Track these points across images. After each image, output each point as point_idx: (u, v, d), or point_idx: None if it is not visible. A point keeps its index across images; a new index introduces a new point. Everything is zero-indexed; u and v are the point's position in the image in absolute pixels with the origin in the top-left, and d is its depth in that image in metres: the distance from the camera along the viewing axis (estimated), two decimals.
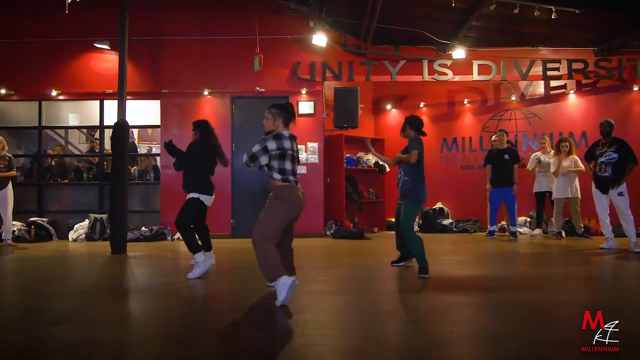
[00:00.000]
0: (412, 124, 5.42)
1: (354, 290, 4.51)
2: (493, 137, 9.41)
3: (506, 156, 8.63)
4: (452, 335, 3.01)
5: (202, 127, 5.47)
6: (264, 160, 3.88)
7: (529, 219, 9.76)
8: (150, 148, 10.94)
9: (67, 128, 10.35)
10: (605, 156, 7.01)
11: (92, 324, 3.37)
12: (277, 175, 3.90)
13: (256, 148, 3.87)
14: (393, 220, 10.57)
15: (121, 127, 7.16)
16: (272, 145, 3.86)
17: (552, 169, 8.61)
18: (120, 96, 7.26)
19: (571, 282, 4.94)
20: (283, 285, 3.66)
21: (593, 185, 7.26)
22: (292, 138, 4.02)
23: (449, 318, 3.50)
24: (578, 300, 4.10)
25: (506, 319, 3.42)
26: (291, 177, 3.94)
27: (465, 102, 10.57)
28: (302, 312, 3.56)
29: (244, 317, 3.57)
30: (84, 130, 10.87)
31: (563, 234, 8.68)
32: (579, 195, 8.45)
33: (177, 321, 3.52)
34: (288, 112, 4.05)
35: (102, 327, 3.30)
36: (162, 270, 5.79)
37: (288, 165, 3.93)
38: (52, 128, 10.06)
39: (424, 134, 5.45)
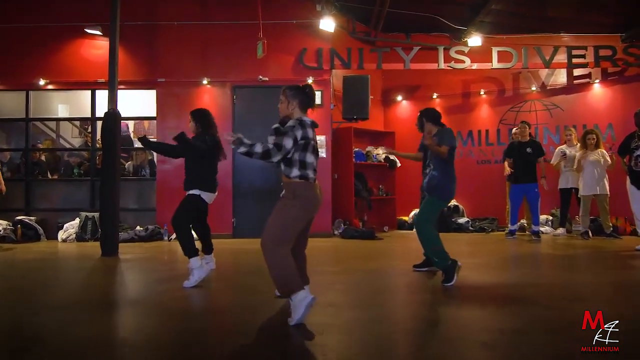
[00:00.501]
0: (430, 117, 4.90)
1: (373, 302, 3.88)
2: (514, 130, 8.79)
3: (528, 149, 8.01)
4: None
5: (203, 117, 4.84)
6: (288, 150, 3.22)
7: (550, 217, 9.15)
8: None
9: (56, 120, 9.70)
10: None
11: (67, 350, 2.76)
12: (295, 171, 3.25)
13: (278, 139, 3.18)
14: (405, 218, 10.11)
15: (112, 117, 6.53)
16: (299, 133, 3.23)
17: (576, 164, 7.99)
18: (111, 84, 6.63)
19: (609, 290, 4.33)
20: (301, 302, 3.05)
21: (628, 180, 6.65)
22: (314, 125, 3.39)
23: (478, 337, 2.91)
24: (618, 312, 3.43)
25: (523, 339, 2.86)
26: (311, 173, 3.30)
27: (482, 92, 9.93)
28: (320, 333, 2.97)
29: (252, 338, 2.97)
30: (77, 123, 10.24)
31: (590, 233, 8.06)
32: (608, 192, 7.84)
33: (171, 342, 2.92)
34: (305, 95, 3.41)
35: (80, 352, 2.69)
36: (157, 277, 5.16)
37: (310, 157, 3.30)
38: (40, 120, 9.40)
39: (443, 126, 4.89)
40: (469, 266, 5.41)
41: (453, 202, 9.70)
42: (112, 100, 6.61)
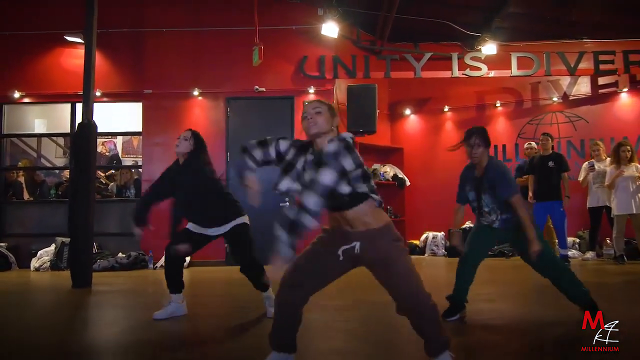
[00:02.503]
0: (485, 137, 3.63)
1: (385, 344, 3.06)
2: (526, 145, 8.00)
3: (550, 163, 7.15)
4: None
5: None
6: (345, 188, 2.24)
7: (577, 240, 8.29)
8: (136, 162, 9.51)
9: (32, 136, 8.90)
10: None
11: None
12: (377, 199, 2.32)
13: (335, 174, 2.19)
14: (416, 242, 9.24)
15: (86, 129, 5.72)
16: (349, 163, 2.21)
17: (609, 181, 7.16)
18: (86, 91, 5.84)
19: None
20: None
21: None
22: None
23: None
24: None
25: None
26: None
27: (498, 104, 9.16)
28: None
29: None
30: (61, 143, 9.47)
31: (625, 257, 7.20)
32: None
33: None
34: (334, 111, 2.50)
35: None
36: (131, 317, 4.25)
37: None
38: (15, 136, 8.61)
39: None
40: (486, 297, 4.59)
41: (468, 224, 8.84)
42: (88, 110, 5.81)
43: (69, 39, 7.75)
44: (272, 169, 2.52)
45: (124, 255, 7.42)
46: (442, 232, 8.98)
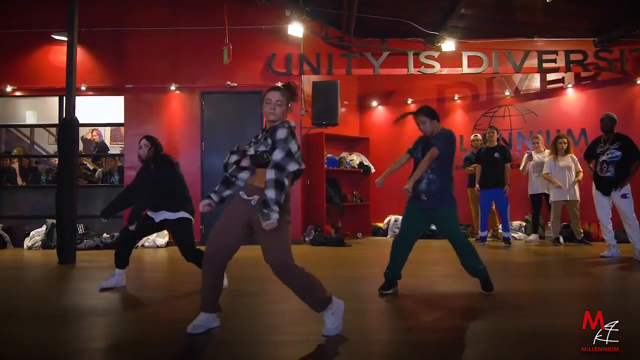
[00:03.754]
0: (430, 113, 4.24)
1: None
2: (472, 137, 8.77)
3: (496, 154, 7.93)
4: None
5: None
6: (293, 167, 2.96)
7: (524, 224, 9.05)
8: (123, 149, 10.23)
9: (23, 126, 9.60)
10: (608, 154, 6.31)
11: None
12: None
13: (281, 155, 2.91)
14: (380, 225, 9.99)
15: (69, 124, 6.45)
16: (294, 146, 2.97)
17: (547, 170, 7.87)
18: (69, 89, 6.56)
19: (569, 299, 4.21)
20: (339, 308, 3.06)
21: (593, 186, 6.54)
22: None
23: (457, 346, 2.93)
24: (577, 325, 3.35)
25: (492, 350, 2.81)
26: None
27: (456, 98, 9.84)
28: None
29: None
30: (53, 131, 10.15)
31: (561, 240, 7.96)
32: (578, 198, 7.74)
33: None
34: (294, 94, 3.19)
35: None
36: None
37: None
38: (7, 127, 9.34)
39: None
40: (440, 274, 5.33)
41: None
42: (70, 105, 6.53)
43: (56, 37, 8.36)
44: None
45: (108, 236, 8.17)
46: None
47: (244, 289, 4.62)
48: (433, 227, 8.92)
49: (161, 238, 8.16)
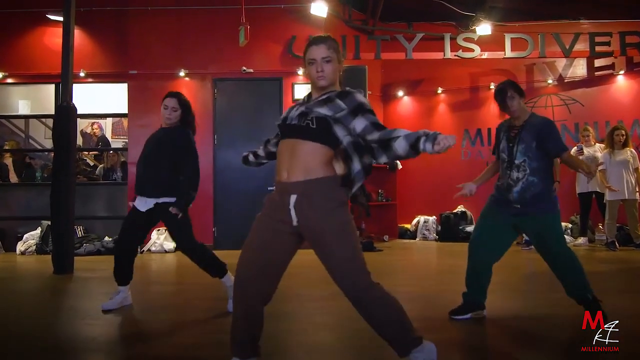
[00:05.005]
0: (518, 88, 3.32)
1: (366, 341, 2.85)
2: None
3: None
4: None
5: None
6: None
7: (570, 225, 8.20)
8: (126, 143, 9.39)
9: (15, 117, 8.70)
10: None
11: None
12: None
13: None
14: (407, 226, 9.17)
15: (65, 111, 5.59)
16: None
17: (602, 166, 7.03)
18: (65, 73, 5.71)
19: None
20: (431, 353, 2.18)
21: None
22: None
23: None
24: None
25: None
26: None
27: (491, 86, 8.95)
28: None
29: None
30: (50, 122, 9.29)
31: (617, 244, 7.12)
32: (638, 197, 6.91)
33: None
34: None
35: None
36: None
37: None
38: None
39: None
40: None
41: (460, 208, 8.77)
42: (67, 92, 5.68)
43: (52, 17, 7.51)
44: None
45: (110, 239, 7.34)
46: (434, 217, 8.90)
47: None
48: (468, 228, 8.33)
49: (169, 242, 7.33)
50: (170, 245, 7.29)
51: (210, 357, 2.76)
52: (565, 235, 7.83)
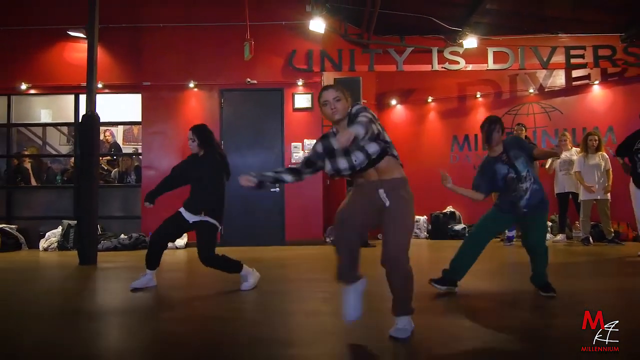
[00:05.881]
0: (501, 125, 3.98)
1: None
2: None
3: None
4: None
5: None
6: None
7: (550, 223, 8.83)
8: (137, 149, 10.04)
9: (38, 125, 9.39)
10: None
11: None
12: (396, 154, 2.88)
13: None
14: None
15: (89, 120, 6.25)
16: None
17: (577, 168, 7.67)
18: (89, 86, 6.36)
19: (611, 296, 4.04)
20: (410, 323, 2.85)
21: (632, 184, 6.29)
22: None
23: (460, 346, 2.77)
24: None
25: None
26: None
27: (478, 95, 9.66)
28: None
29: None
30: (65, 130, 9.99)
31: (591, 239, 7.75)
32: (609, 197, 7.54)
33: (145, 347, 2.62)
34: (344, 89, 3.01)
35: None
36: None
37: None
38: (22, 125, 9.12)
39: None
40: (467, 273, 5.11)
41: (449, 209, 9.41)
42: (91, 102, 6.34)
43: (72, 34, 8.19)
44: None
45: (125, 237, 7.97)
46: (425, 216, 9.53)
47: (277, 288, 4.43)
48: (457, 227, 8.97)
49: (180, 239, 7.96)
50: (181, 242, 7.93)
51: (233, 317, 3.41)
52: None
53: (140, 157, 8.66)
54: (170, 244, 7.88)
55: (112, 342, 3.02)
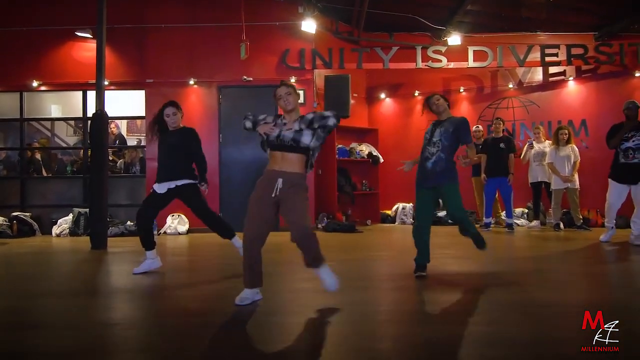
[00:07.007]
0: (442, 96, 4.67)
1: (355, 287, 4.11)
2: (474, 128, 9.20)
3: (502, 145, 8.38)
4: (442, 339, 2.79)
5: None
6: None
7: (526, 211, 9.49)
8: (140, 140, 10.62)
9: (49, 120, 10.04)
10: (633, 141, 6.32)
11: (60, 330, 3.11)
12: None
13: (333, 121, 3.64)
14: (388, 212, 10.43)
15: (99, 118, 6.87)
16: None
17: (549, 159, 8.28)
18: (99, 85, 6.96)
19: (570, 278, 4.66)
20: (328, 269, 3.56)
21: (612, 174, 6.49)
22: None
23: (441, 319, 3.28)
24: (577, 299, 3.83)
25: (501, 320, 3.20)
26: None
27: (461, 90, 10.25)
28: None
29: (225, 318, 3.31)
30: (72, 123, 10.59)
31: (561, 225, 8.40)
32: (578, 186, 8.16)
33: (156, 323, 3.27)
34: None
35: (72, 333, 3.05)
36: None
37: None
38: (34, 120, 9.75)
39: None
40: (447, 257, 5.72)
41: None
42: (100, 101, 6.94)
43: (80, 34, 8.75)
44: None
45: (132, 223, 8.61)
46: (411, 203, 10.15)
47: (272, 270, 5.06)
48: (440, 214, 9.62)
49: (182, 225, 8.62)
50: (183, 228, 8.59)
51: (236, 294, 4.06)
52: (522, 219, 9.20)
53: (145, 149, 9.28)
54: (173, 230, 8.56)
55: (129, 313, 3.67)
